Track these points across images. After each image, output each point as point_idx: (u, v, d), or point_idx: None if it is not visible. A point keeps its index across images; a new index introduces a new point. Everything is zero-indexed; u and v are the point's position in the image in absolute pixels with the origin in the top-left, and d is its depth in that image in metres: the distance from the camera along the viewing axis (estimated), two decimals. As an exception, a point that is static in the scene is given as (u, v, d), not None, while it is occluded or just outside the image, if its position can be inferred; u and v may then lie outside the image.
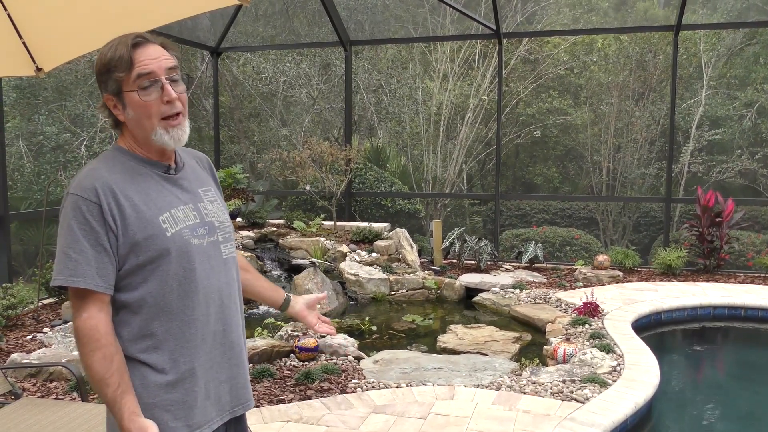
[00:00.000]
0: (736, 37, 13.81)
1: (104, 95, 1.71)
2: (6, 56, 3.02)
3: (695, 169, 13.36)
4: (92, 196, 1.61)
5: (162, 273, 1.66)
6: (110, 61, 1.66)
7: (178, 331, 1.69)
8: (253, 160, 14.64)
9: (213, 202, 1.85)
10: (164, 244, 1.66)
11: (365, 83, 13.95)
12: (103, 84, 1.70)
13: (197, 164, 1.91)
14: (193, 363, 1.72)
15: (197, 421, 1.73)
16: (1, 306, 5.49)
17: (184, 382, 1.70)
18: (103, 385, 1.59)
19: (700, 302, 6.76)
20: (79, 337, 1.60)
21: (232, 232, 1.88)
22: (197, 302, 1.72)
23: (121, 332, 1.66)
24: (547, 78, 14.27)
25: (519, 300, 6.97)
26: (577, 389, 4.33)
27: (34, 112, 12.13)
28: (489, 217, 13.94)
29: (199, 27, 12.53)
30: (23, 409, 3.07)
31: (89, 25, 2.91)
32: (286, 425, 3.82)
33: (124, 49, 1.66)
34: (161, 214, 1.68)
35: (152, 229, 1.65)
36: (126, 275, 1.65)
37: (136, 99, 1.67)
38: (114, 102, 1.71)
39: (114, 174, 1.67)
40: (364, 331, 6.14)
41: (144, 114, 1.68)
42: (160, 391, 1.67)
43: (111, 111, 1.73)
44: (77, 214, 1.60)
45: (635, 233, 13.74)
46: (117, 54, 1.66)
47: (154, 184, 1.72)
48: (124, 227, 1.63)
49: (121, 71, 1.65)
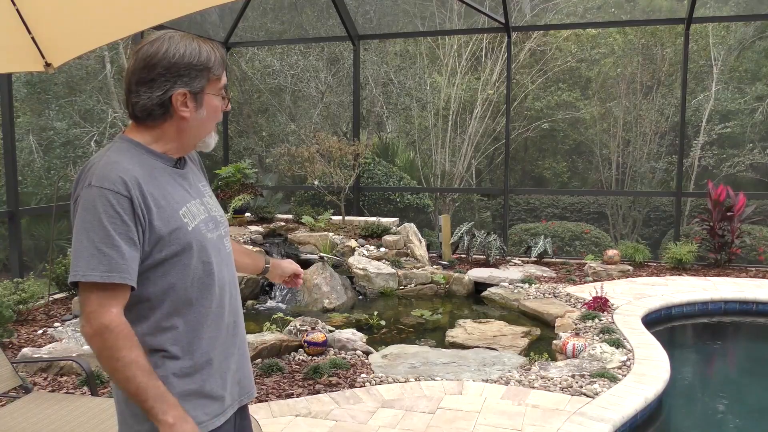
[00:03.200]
0: (747, 30, 13.68)
1: (179, 89, 1.66)
2: (15, 52, 3.02)
3: (706, 162, 13.26)
4: (122, 189, 1.58)
5: (183, 267, 1.66)
6: (208, 60, 1.69)
7: (197, 324, 1.70)
8: (262, 154, 14.66)
9: (211, 197, 1.88)
10: (187, 238, 1.66)
11: (373, 77, 13.93)
12: (181, 78, 1.66)
13: (189, 159, 1.91)
14: (210, 354, 1.73)
15: (215, 409, 1.75)
16: (12, 301, 5.52)
17: (202, 373, 1.71)
18: (154, 377, 1.58)
19: (711, 297, 6.72)
20: (114, 332, 1.55)
21: (228, 227, 1.92)
22: (214, 295, 1.74)
23: (138, 326, 1.65)
24: (555, 71, 14.20)
25: (528, 295, 6.95)
26: (587, 384, 4.31)
27: (45, 107, 12.19)
28: (498, 212, 13.91)
29: (207, 21, 12.51)
30: (34, 403, 3.09)
31: (98, 20, 2.91)
32: (295, 419, 3.82)
33: (222, 52, 1.73)
34: (180, 209, 1.69)
35: (176, 223, 1.65)
36: (147, 269, 1.64)
37: (215, 103, 1.73)
38: (185, 99, 1.68)
39: (135, 167, 1.65)
40: (373, 326, 6.14)
41: (213, 118, 1.76)
42: (180, 383, 1.67)
43: (172, 105, 1.68)
44: (107, 208, 1.56)
45: (645, 227, 13.67)
46: (216, 56, 1.71)
47: (168, 179, 1.72)
48: (150, 221, 1.62)
49: (217, 72, 1.72)
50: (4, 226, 7.46)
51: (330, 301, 6.74)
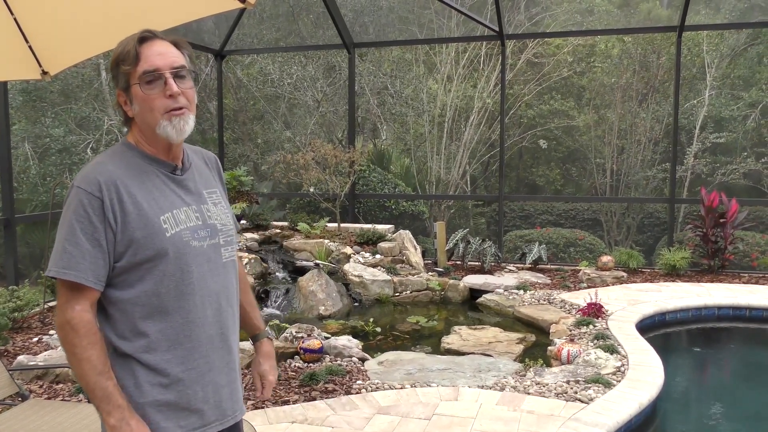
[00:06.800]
0: (739, 37, 13.79)
1: (117, 91, 1.74)
2: (12, 60, 3.04)
3: (699, 170, 13.34)
4: (95, 190, 1.61)
5: (158, 273, 1.66)
6: (119, 55, 1.69)
7: (173, 333, 1.68)
8: (257, 162, 14.67)
9: (217, 204, 1.84)
10: (162, 244, 1.66)
11: (369, 85, 13.97)
12: (115, 80, 1.73)
13: (205, 164, 1.92)
14: (188, 365, 1.71)
15: (192, 422, 1.72)
16: (7, 308, 5.52)
17: (178, 384, 1.69)
18: (104, 378, 1.59)
19: (705, 303, 6.76)
20: (74, 329, 1.59)
21: (234, 236, 1.87)
22: (193, 304, 1.71)
23: (108, 329, 1.66)
24: (550, 80, 14.27)
25: (523, 301, 6.98)
26: (582, 390, 4.33)
27: (41, 115, 12.19)
28: (493, 219, 13.95)
29: (203, 29, 12.57)
30: (31, 410, 3.10)
31: (94, 29, 2.93)
32: (291, 426, 3.83)
33: (132, 43, 1.69)
34: (162, 214, 1.68)
35: (152, 228, 1.65)
36: (121, 272, 1.65)
37: (139, 93, 1.68)
38: (124, 98, 1.73)
39: (119, 169, 1.67)
40: (369, 333, 6.15)
41: (147, 107, 1.69)
42: (152, 391, 1.67)
43: (122, 107, 1.75)
44: (78, 207, 1.61)
45: (639, 234, 13.73)
46: (125, 49, 1.69)
47: (158, 183, 1.73)
48: (124, 224, 1.63)
49: (128, 65, 1.68)
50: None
51: (326, 308, 6.75)
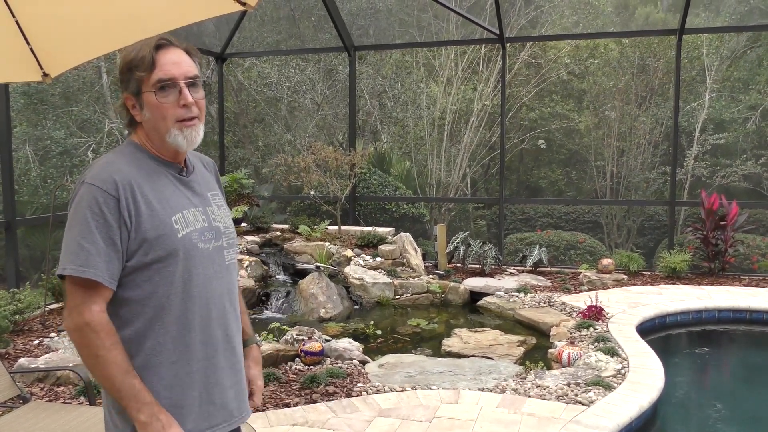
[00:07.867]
0: (739, 40, 13.81)
1: (124, 94, 1.73)
2: (13, 62, 3.04)
3: (699, 172, 13.35)
4: (111, 188, 1.61)
5: (168, 273, 1.66)
6: (133, 60, 1.68)
7: (177, 334, 1.69)
8: (258, 164, 14.68)
9: (220, 206, 1.86)
10: (174, 245, 1.66)
11: (369, 88, 13.98)
12: (124, 83, 1.72)
13: (204, 168, 1.92)
14: (191, 366, 1.71)
15: (195, 424, 1.72)
16: (8, 311, 5.52)
17: (181, 385, 1.70)
18: (131, 376, 1.59)
19: (705, 305, 6.76)
20: (95, 330, 1.58)
21: (235, 238, 1.89)
22: (198, 306, 1.72)
23: (121, 331, 1.65)
24: (549, 82, 14.29)
25: (524, 304, 6.98)
26: (582, 392, 4.34)
27: (42, 117, 12.20)
28: (493, 221, 13.96)
29: (204, 32, 12.57)
30: (32, 413, 3.10)
31: (95, 31, 2.93)
32: (292, 429, 3.83)
33: (148, 50, 1.68)
34: (174, 215, 1.69)
35: (164, 229, 1.66)
36: (131, 271, 1.65)
37: (153, 100, 1.68)
38: (133, 102, 1.72)
39: (131, 169, 1.67)
40: (369, 336, 6.15)
41: (159, 115, 1.69)
42: (158, 393, 1.66)
43: (129, 111, 1.75)
44: (93, 205, 1.59)
45: (640, 237, 13.73)
46: (140, 54, 1.68)
47: (167, 184, 1.73)
48: (138, 224, 1.63)
49: (142, 71, 1.67)
50: (0, 236, 7.46)
51: (326, 310, 6.75)
